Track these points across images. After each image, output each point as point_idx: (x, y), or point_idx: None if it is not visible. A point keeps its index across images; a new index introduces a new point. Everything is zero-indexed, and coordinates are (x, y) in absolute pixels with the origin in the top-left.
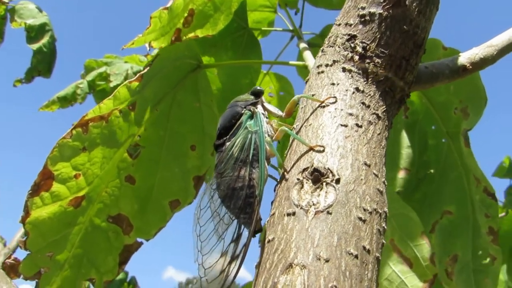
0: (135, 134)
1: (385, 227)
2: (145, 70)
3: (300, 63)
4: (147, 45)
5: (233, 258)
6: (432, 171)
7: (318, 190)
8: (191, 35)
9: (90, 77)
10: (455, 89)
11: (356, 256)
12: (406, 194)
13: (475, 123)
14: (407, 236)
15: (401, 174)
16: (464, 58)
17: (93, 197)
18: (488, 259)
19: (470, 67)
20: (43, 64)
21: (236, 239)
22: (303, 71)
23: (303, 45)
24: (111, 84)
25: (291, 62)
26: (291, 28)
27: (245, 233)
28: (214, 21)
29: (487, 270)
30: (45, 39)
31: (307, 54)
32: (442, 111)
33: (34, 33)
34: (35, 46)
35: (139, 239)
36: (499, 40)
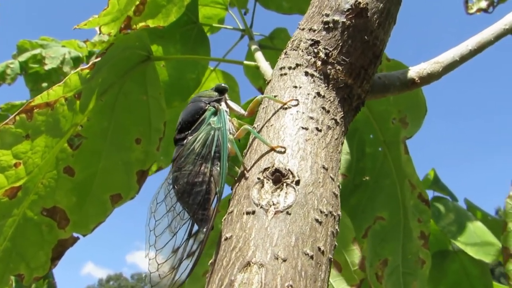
0: (77, 124)
1: (338, 229)
2: (98, 59)
3: (252, 63)
4: (97, 28)
5: (189, 255)
6: (367, 178)
7: (278, 190)
8: (141, 24)
9: (22, 58)
10: (394, 99)
11: (312, 257)
12: (342, 199)
13: (414, 132)
14: (340, 241)
15: (339, 179)
16: (414, 72)
17: (30, 187)
18: (417, 263)
19: (419, 81)
20: None
21: (192, 236)
22: (250, 71)
23: (254, 46)
24: (46, 67)
25: (245, 62)
26: (241, 27)
27: (203, 229)
28: (166, 12)
29: (415, 273)
30: None
31: (259, 55)
32: (381, 121)
33: None
34: None
35: (75, 234)
36: (444, 58)
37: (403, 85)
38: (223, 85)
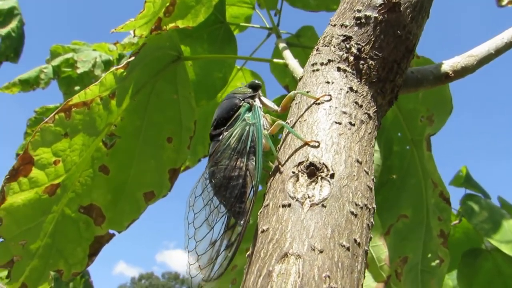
0: (112, 123)
1: (373, 222)
2: (132, 58)
3: (281, 61)
4: (131, 31)
5: (227, 247)
6: (394, 176)
7: (313, 183)
8: (171, 25)
9: (55, 62)
10: (423, 97)
11: (348, 248)
12: None
13: (438, 129)
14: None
15: None
16: (447, 65)
17: (68, 185)
18: (436, 261)
19: (452, 74)
20: (11, 49)
21: (229, 228)
22: (277, 69)
23: (282, 44)
24: (78, 71)
25: (274, 60)
26: (268, 26)
27: (240, 222)
28: (195, 13)
29: (434, 271)
30: (13, 24)
31: (287, 53)
32: (409, 119)
33: (2, 17)
34: (3, 31)
35: (111, 231)
36: (479, 51)
37: (436, 79)
38: (256, 81)
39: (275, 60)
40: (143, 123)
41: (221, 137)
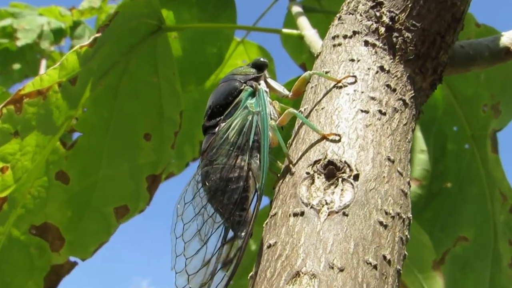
0: (72, 116)
1: (408, 236)
2: (99, 34)
3: (294, 31)
4: None
5: (224, 264)
6: (449, 184)
7: (332, 187)
8: None
9: None
10: (486, 79)
11: (375, 267)
12: (414, 212)
13: (506, 122)
14: (416, 265)
15: (411, 186)
16: (508, 38)
17: (17, 199)
18: None
19: None
20: None
21: (227, 242)
22: (290, 42)
23: (296, 8)
24: (18, 43)
25: (284, 30)
26: None
27: (240, 234)
28: None
29: None
30: None
31: (303, 21)
32: (468, 108)
33: None
34: None
35: (72, 258)
36: None
37: (494, 55)
38: (262, 59)
39: (286, 30)
40: (112, 115)
41: (217, 129)
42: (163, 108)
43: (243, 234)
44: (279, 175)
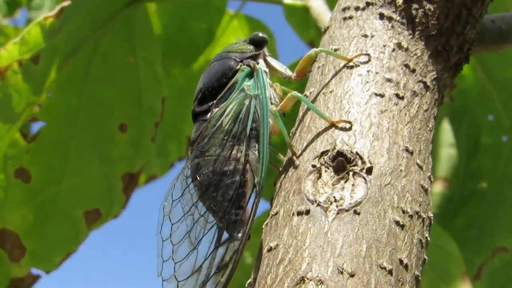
0: (35, 102)
1: (429, 238)
2: (68, 2)
3: (298, 2)
4: None
5: (219, 269)
6: (484, 185)
7: (342, 181)
8: None
9: None
10: None
11: (390, 272)
12: (444, 219)
13: None
14: (442, 278)
15: (438, 187)
16: None
17: None
18: None
19: None
20: None
21: (222, 244)
22: (295, 15)
23: None
24: None
25: (285, 1)
26: None
27: (237, 235)
28: None
29: None
30: None
31: None
32: (507, 93)
33: None
34: None
35: (34, 270)
36: None
37: None
38: (260, 34)
39: (288, 0)
40: (81, 102)
41: (209, 115)
42: (142, 94)
43: (239, 235)
44: (281, 169)
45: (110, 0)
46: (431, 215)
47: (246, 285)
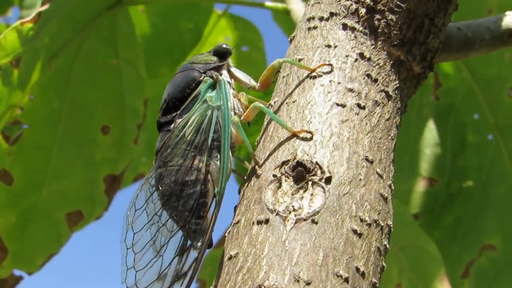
0: (16, 105)
1: (388, 246)
2: (46, 6)
3: (279, 5)
4: None
5: (178, 277)
6: (470, 183)
7: (301, 191)
8: None
9: None
10: (511, 58)
11: (346, 280)
12: (430, 218)
13: None
14: (421, 278)
15: (423, 186)
16: None
17: None
18: None
19: None
20: None
21: (183, 252)
22: (282, 15)
23: None
24: None
25: (267, 4)
26: None
27: (197, 244)
28: None
29: None
30: None
31: None
32: (491, 92)
33: None
34: None
35: (16, 272)
36: None
37: (495, 38)
38: (224, 45)
39: (270, 3)
40: (63, 104)
41: (172, 126)
42: (124, 96)
43: (199, 244)
44: (245, 177)
45: (92, 3)
46: (391, 223)
47: None
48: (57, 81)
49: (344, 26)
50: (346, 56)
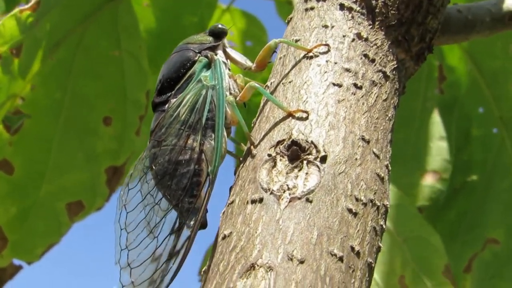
0: (17, 94)
1: (384, 226)
2: None
3: None
4: None
5: (171, 256)
6: (474, 177)
7: (296, 170)
8: None
9: None
10: None
11: (341, 259)
12: (434, 212)
13: None
14: (424, 270)
15: (428, 180)
16: None
17: None
18: None
19: None
20: None
21: (175, 231)
22: (284, 9)
23: None
24: None
25: None
26: None
27: (189, 222)
28: None
29: None
30: None
31: None
32: (496, 85)
33: None
34: None
35: (16, 261)
36: None
37: (496, 21)
38: (220, 25)
39: None
40: (65, 95)
41: (167, 106)
42: (126, 87)
43: (191, 222)
44: (241, 158)
45: None
46: (387, 203)
47: (201, 272)
48: (58, 71)
49: (341, 7)
50: (343, 36)
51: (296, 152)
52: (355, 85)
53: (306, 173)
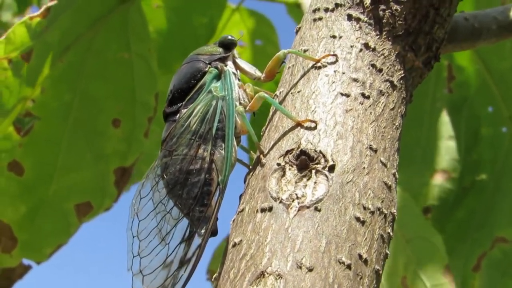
0: (27, 97)
1: (391, 233)
2: (54, 1)
3: None
4: None
5: (182, 264)
6: (484, 176)
7: (305, 179)
8: None
9: None
10: None
11: (349, 266)
12: (443, 211)
13: None
14: (424, 270)
15: (437, 179)
16: None
17: None
18: None
19: None
20: None
21: (186, 239)
22: (295, 10)
23: None
24: None
25: None
26: None
27: (200, 231)
28: None
29: None
30: None
31: None
32: (505, 85)
33: None
34: None
35: (25, 261)
36: None
37: (502, 28)
38: (229, 37)
39: None
40: (75, 97)
41: (178, 116)
42: (135, 89)
43: (202, 231)
44: (251, 167)
45: None
46: (395, 211)
47: (212, 279)
48: (68, 74)
49: (349, 17)
50: (351, 46)
51: (305, 162)
52: (363, 94)
53: (315, 182)
